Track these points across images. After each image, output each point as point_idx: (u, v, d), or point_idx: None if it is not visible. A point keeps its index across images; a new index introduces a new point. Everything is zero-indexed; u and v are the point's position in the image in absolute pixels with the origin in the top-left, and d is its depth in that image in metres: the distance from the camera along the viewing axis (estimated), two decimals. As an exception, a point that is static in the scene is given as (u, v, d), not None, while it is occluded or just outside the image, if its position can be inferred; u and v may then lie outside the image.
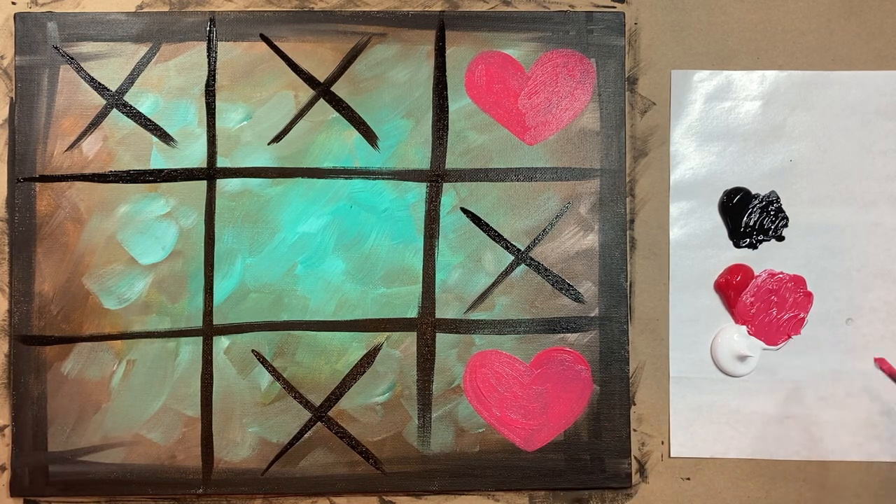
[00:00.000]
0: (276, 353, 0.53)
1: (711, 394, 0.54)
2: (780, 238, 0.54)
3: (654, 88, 0.55)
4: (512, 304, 0.54)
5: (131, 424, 0.53)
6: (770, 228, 0.54)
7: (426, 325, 0.53)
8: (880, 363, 0.47)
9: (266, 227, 0.54)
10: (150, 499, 0.53)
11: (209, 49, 0.54)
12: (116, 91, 0.53)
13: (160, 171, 0.53)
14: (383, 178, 0.54)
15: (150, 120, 0.53)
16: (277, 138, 0.54)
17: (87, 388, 0.53)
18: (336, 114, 0.54)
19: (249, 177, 0.54)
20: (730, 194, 0.54)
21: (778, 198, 0.54)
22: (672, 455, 0.54)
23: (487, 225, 0.54)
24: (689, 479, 0.54)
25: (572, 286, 0.54)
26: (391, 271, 0.53)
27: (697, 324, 0.54)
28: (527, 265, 0.54)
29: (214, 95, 0.54)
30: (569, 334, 0.54)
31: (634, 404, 0.54)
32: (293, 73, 0.54)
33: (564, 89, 0.54)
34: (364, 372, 0.53)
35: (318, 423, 0.53)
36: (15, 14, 0.53)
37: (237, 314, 0.53)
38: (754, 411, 0.54)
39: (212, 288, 0.53)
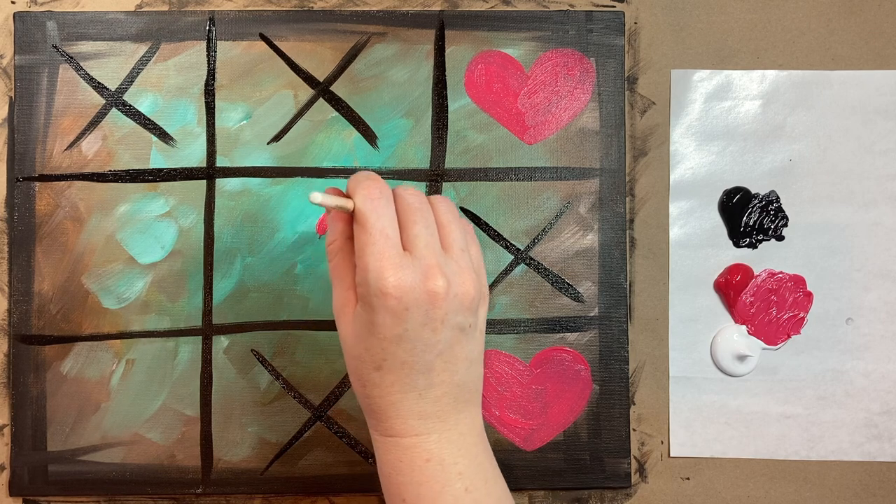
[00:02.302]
0: (275, 352, 0.53)
1: (711, 393, 0.54)
2: (780, 238, 0.54)
3: (653, 88, 0.55)
4: (511, 304, 0.54)
5: (130, 424, 0.53)
6: (770, 228, 0.54)
7: (426, 325, 0.53)
8: None
9: (265, 227, 0.53)
10: (149, 498, 0.53)
11: (208, 48, 0.54)
12: (116, 90, 0.53)
13: (159, 170, 0.53)
14: (383, 178, 0.54)
15: (149, 119, 0.53)
16: (277, 138, 0.54)
17: (86, 387, 0.53)
18: (335, 113, 0.54)
19: (249, 176, 0.54)
20: (729, 194, 0.54)
21: (778, 197, 0.54)
22: (672, 455, 0.54)
23: (487, 224, 0.54)
24: (688, 478, 0.54)
25: (572, 286, 0.54)
26: (391, 271, 0.53)
27: (697, 323, 0.54)
28: (526, 265, 0.54)
29: (214, 95, 0.54)
30: (568, 334, 0.54)
31: (634, 404, 0.54)
32: (293, 73, 0.54)
33: (564, 89, 0.54)
34: (363, 371, 0.53)
35: (318, 423, 0.53)
36: (14, 13, 0.53)
37: (236, 314, 0.53)
38: (754, 411, 0.54)
39: (211, 287, 0.53)
